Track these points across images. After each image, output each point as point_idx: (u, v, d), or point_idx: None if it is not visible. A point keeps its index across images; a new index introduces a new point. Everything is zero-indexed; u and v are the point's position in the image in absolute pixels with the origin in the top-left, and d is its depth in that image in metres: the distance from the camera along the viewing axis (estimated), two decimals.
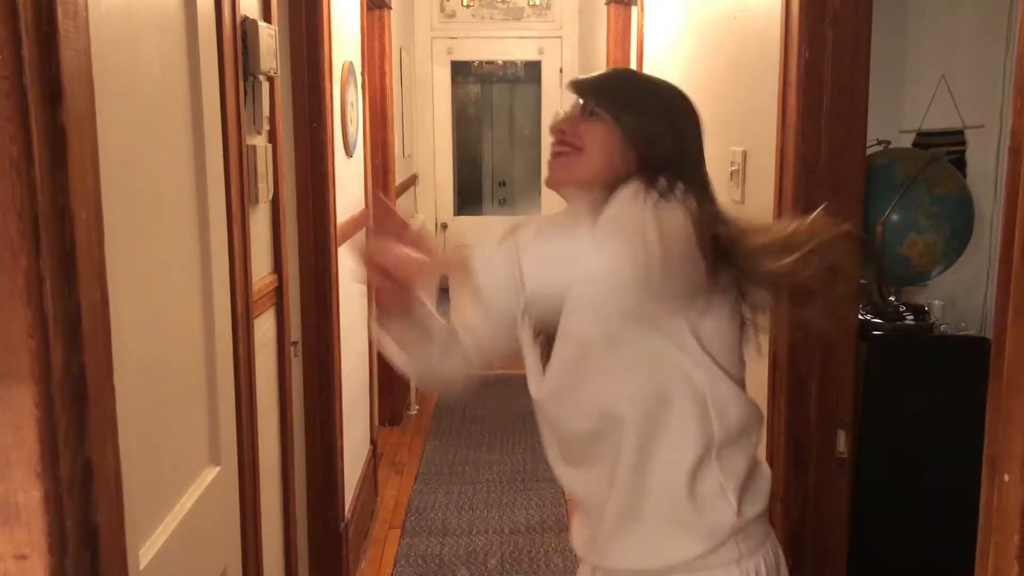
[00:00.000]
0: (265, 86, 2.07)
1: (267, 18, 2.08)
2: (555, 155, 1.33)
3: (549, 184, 1.34)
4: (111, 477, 0.97)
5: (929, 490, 2.37)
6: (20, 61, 0.80)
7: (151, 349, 1.36)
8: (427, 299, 1.27)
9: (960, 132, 2.98)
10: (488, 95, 6.65)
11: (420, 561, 3.32)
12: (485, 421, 4.71)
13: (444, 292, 1.14)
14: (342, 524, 2.98)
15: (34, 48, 0.82)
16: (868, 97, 1.88)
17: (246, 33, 1.87)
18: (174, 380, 1.47)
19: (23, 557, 0.86)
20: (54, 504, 0.86)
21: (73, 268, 0.88)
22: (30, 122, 0.82)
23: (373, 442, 3.85)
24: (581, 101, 1.33)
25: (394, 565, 3.29)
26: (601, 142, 1.29)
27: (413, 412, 4.98)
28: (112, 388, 0.98)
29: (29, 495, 0.85)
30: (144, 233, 1.33)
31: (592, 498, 1.36)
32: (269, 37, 2.00)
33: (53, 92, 0.85)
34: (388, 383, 4.58)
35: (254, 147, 1.95)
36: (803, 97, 1.85)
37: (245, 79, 1.87)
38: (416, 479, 4.06)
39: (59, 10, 0.84)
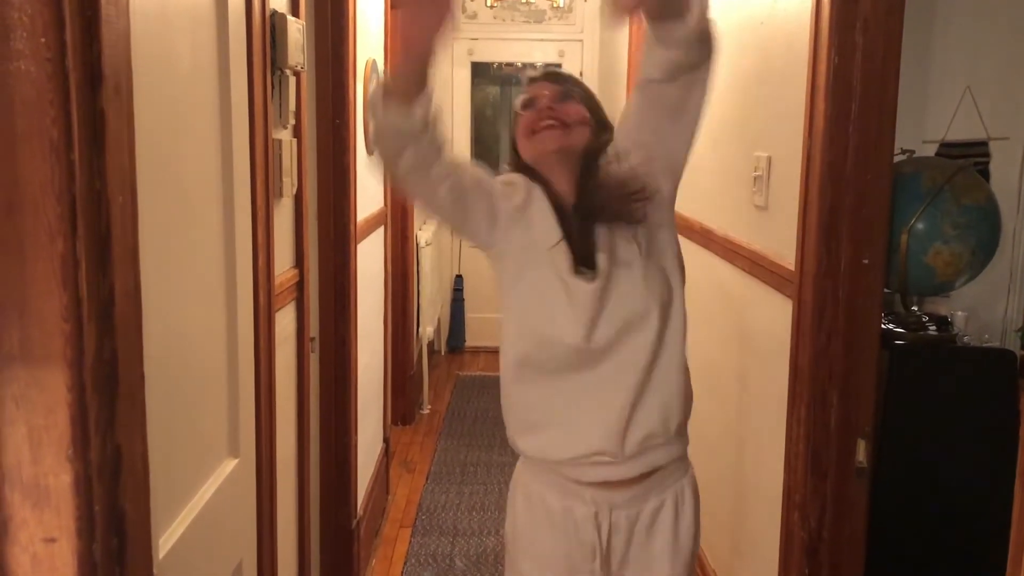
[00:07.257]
0: (292, 80, 2.07)
1: (295, 13, 2.09)
2: (547, 128, 1.55)
3: (539, 152, 1.58)
4: (139, 464, 0.97)
5: (949, 501, 2.35)
6: (63, 45, 0.80)
7: (176, 339, 1.36)
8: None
9: (984, 143, 2.96)
10: (507, 97, 6.63)
11: (430, 561, 3.31)
12: (497, 423, 4.65)
13: None
14: (354, 521, 2.97)
15: (77, 32, 0.82)
16: (896, 105, 1.86)
17: (275, 27, 1.87)
18: (197, 370, 1.47)
19: (52, 540, 0.86)
20: (84, 488, 0.86)
21: (108, 253, 0.88)
22: (71, 105, 0.82)
23: (386, 440, 3.85)
24: (556, 87, 1.60)
25: (404, 564, 3.28)
26: (584, 118, 1.58)
27: (425, 411, 4.98)
28: (142, 375, 0.98)
29: (59, 478, 0.85)
30: (171, 222, 1.33)
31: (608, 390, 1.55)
32: (297, 31, 2.00)
33: (94, 76, 0.85)
34: (402, 382, 4.59)
35: (280, 141, 1.95)
36: (831, 103, 1.84)
37: (273, 73, 1.87)
38: (428, 479, 4.06)
39: None
